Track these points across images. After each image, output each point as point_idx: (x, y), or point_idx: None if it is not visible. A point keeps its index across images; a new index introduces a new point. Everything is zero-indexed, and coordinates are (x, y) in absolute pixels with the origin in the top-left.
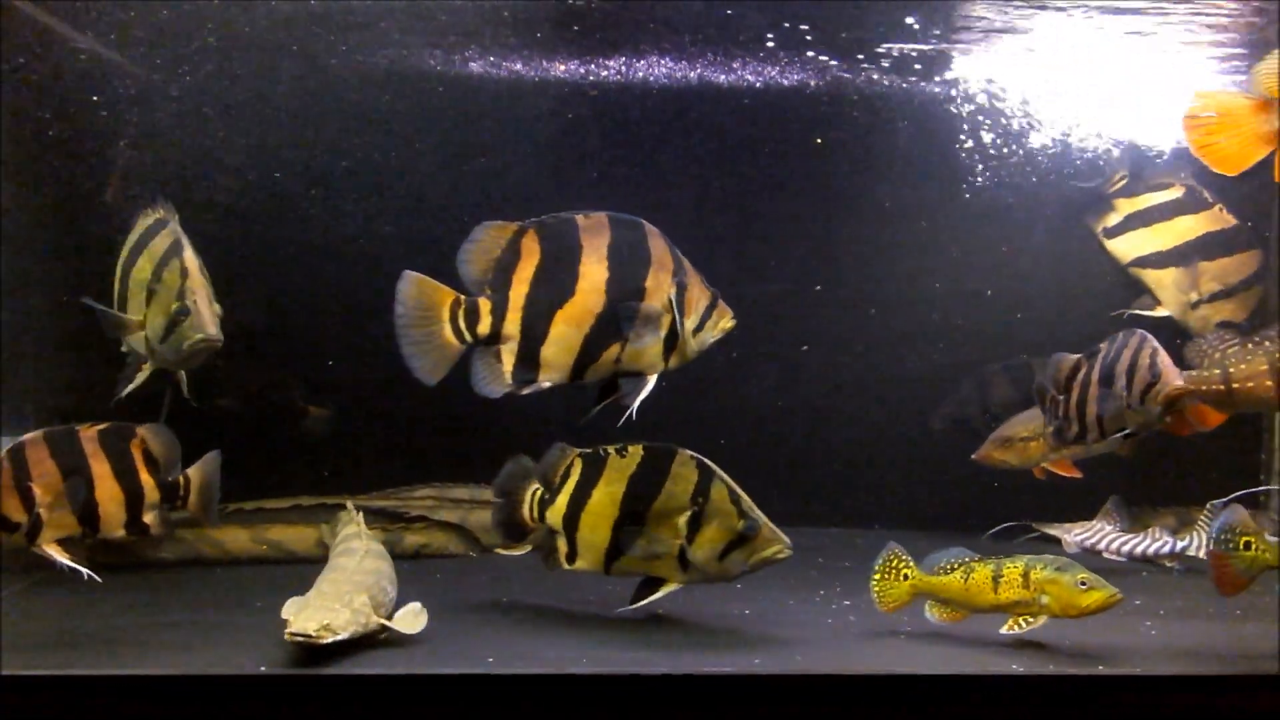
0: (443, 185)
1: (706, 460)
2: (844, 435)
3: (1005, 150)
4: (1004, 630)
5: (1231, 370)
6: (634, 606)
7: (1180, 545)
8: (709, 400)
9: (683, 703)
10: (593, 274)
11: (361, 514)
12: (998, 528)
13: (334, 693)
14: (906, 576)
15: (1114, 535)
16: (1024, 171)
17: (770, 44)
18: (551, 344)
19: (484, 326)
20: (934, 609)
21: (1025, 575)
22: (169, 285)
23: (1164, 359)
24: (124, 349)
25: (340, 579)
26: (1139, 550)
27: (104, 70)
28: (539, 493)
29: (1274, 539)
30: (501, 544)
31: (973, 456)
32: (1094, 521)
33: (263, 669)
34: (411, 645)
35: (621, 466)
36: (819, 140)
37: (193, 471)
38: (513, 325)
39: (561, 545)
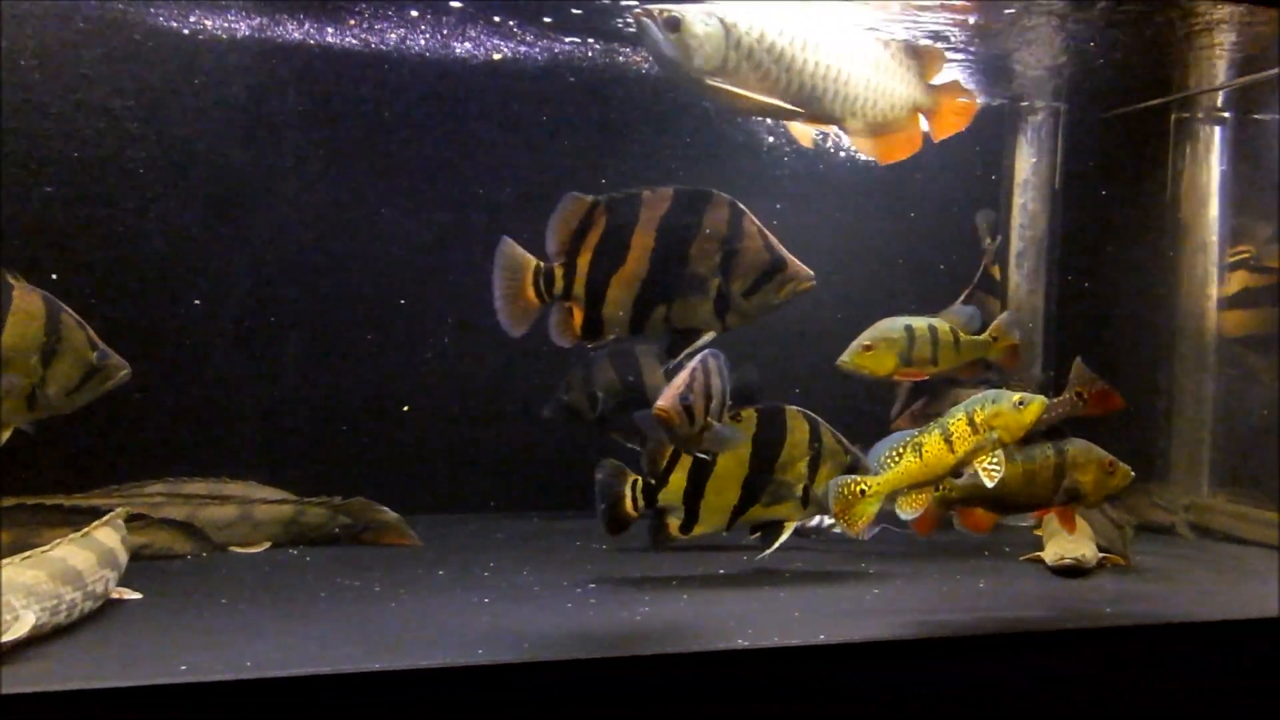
0: (126, 141)
1: (808, 411)
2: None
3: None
4: (984, 480)
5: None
6: (771, 551)
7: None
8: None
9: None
10: (642, 243)
11: (116, 515)
12: None
13: None
14: (864, 491)
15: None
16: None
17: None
18: (609, 305)
19: (557, 288)
20: (903, 502)
21: (971, 421)
22: (73, 341)
23: (676, 381)
24: None
25: None
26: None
27: None
28: (639, 483)
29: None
30: (609, 534)
31: None
32: None
33: None
34: (95, 652)
35: (742, 430)
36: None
37: None
38: (580, 287)
39: (674, 521)
